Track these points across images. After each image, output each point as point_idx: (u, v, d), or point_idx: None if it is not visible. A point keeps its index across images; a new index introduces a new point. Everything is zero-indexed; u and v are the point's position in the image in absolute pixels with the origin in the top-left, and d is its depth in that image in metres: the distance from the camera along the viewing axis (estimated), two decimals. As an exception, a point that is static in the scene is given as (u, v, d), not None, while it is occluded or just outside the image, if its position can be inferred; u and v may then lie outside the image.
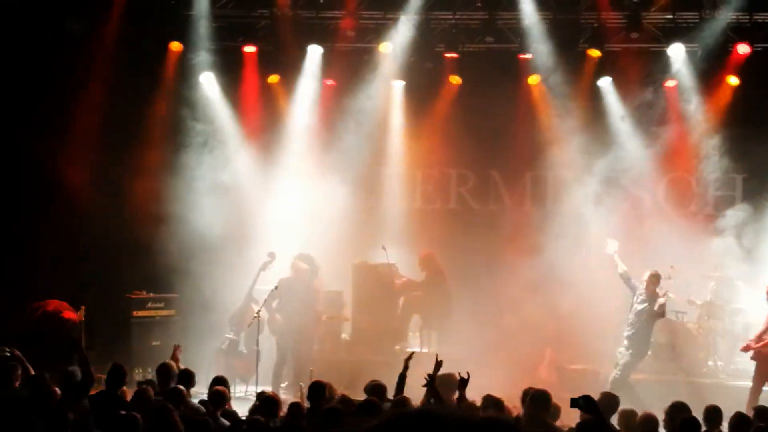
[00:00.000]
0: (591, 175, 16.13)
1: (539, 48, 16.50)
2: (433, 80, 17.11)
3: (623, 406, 10.32)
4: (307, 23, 16.80)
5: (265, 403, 9.79)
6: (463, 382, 9.84)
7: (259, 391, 11.64)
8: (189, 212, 16.08)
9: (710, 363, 15.25)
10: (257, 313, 14.34)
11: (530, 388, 10.01)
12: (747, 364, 14.27)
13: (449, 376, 10.33)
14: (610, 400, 10.16)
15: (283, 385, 14.57)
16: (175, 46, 16.86)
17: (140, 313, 15.74)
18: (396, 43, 16.69)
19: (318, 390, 10.00)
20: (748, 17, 15.90)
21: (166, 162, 16.56)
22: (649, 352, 14.54)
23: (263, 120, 17.26)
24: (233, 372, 14.36)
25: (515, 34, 16.67)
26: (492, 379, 11.75)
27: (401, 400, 9.79)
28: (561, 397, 9.81)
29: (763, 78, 15.90)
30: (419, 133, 17.27)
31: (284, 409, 9.91)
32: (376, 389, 10.23)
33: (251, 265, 15.41)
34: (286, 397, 12.37)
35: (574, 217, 16.06)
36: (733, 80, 16.26)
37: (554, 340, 15.18)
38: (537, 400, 9.57)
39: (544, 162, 17.00)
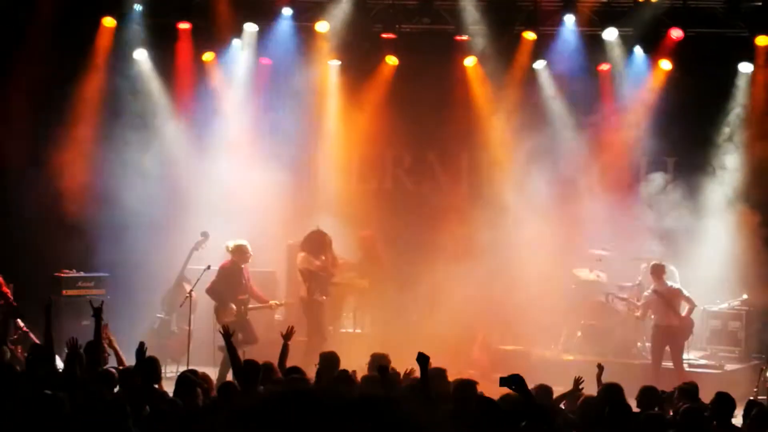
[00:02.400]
0: (525, 156, 16.21)
1: (475, 29, 16.52)
2: (371, 60, 17.07)
3: None
4: (242, 1, 16.64)
5: (183, 383, 9.67)
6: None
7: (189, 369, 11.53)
8: (121, 189, 15.90)
9: (639, 344, 15.48)
10: (189, 292, 14.24)
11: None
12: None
13: (383, 357, 10.35)
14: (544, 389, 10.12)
15: None
16: (108, 21, 16.61)
17: (70, 292, 15.52)
18: (333, 22, 16.61)
19: (252, 369, 9.91)
20: (682, 2, 16.03)
21: (98, 138, 16.35)
22: (579, 333, 14.75)
23: (198, 98, 17.08)
24: (165, 352, 14.24)
25: (452, 16, 16.65)
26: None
27: (293, 369, 10.00)
28: (493, 378, 9.84)
29: (695, 62, 16.06)
30: (355, 113, 17.21)
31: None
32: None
33: (184, 244, 15.28)
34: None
35: (508, 198, 16.13)
36: (666, 64, 16.42)
37: (487, 321, 15.27)
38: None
39: (480, 143, 17.05)
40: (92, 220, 15.63)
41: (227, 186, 16.39)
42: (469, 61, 17.02)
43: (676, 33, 16.04)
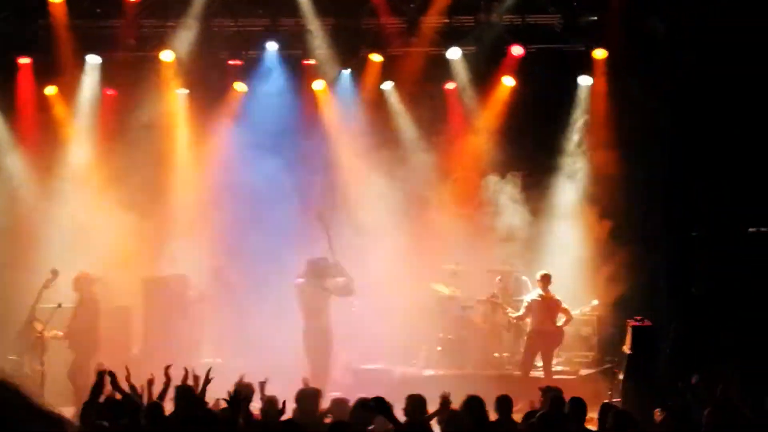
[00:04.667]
0: (377, 176, 16.35)
1: (322, 53, 16.62)
2: (218, 88, 16.99)
3: None
4: (84, 32, 16.36)
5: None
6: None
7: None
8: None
9: (496, 355, 15.76)
10: (40, 332, 13.86)
11: None
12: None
13: (247, 387, 10.26)
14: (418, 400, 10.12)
15: None
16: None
17: None
18: (178, 50, 16.47)
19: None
20: (521, 19, 16.44)
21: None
22: (439, 348, 14.91)
23: (41, 132, 16.70)
24: (18, 395, 13.77)
25: (298, 40, 16.71)
26: (287, 386, 11.67)
27: None
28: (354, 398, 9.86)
29: (537, 78, 16.48)
30: (204, 141, 17.07)
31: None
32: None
33: (32, 282, 14.86)
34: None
35: (348, 218, 16.24)
36: (509, 81, 16.81)
37: (346, 342, 15.28)
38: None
39: (329, 166, 17.11)
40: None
41: (76, 221, 16.03)
42: (318, 85, 17.11)
43: (517, 50, 16.44)
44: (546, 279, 15.02)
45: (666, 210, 16.26)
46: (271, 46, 16.70)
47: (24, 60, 16.49)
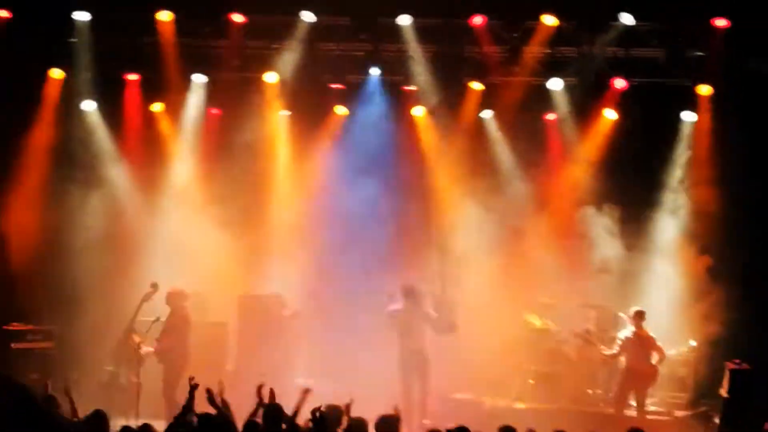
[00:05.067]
0: (472, 204, 16.36)
1: (423, 80, 16.72)
2: (319, 110, 17.19)
3: None
4: (191, 52, 16.69)
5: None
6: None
7: (141, 424, 11.41)
8: (68, 240, 15.80)
9: (589, 391, 15.58)
10: (138, 344, 14.13)
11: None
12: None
13: (335, 408, 10.32)
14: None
15: None
16: (56, 73, 16.59)
17: (19, 345, 15.39)
18: (282, 72, 16.71)
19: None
20: (624, 52, 16.34)
21: (45, 189, 16.27)
22: (531, 381, 14.81)
23: (147, 148, 17.07)
24: (114, 406, 14.04)
25: (400, 66, 16.84)
26: (380, 412, 11.71)
27: None
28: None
29: (639, 111, 16.35)
30: (304, 163, 17.26)
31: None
32: None
33: (133, 295, 15.16)
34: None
35: (457, 246, 16.25)
36: (611, 114, 16.71)
37: (436, 369, 15.28)
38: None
39: (425, 192, 17.17)
40: (40, 270, 15.49)
41: (176, 236, 16.33)
42: (418, 111, 17.21)
43: (619, 83, 16.35)
44: (640, 316, 14.83)
45: (766, 249, 15.96)
46: (374, 71, 16.86)
47: (132, 76, 16.87)
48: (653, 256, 16.34)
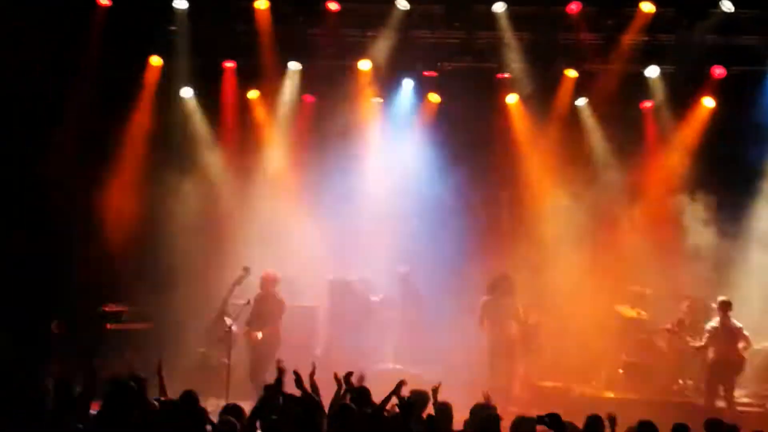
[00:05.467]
0: (565, 192, 16.22)
1: (517, 67, 16.62)
2: (413, 98, 17.23)
3: None
4: (287, 39, 16.86)
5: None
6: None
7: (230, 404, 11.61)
8: (165, 223, 16.13)
9: (680, 382, 15.37)
10: (229, 327, 14.37)
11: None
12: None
13: (421, 393, 10.37)
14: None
15: None
16: (155, 60, 16.92)
17: (115, 326, 15.78)
18: (376, 60, 16.77)
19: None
20: (723, 40, 16.03)
21: (144, 173, 16.61)
22: (620, 370, 14.67)
23: (243, 135, 17.31)
24: (205, 387, 14.30)
25: (493, 53, 16.75)
26: (466, 398, 11.71)
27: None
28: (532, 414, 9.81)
29: (738, 100, 16.03)
30: (396, 150, 17.32)
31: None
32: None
33: (226, 278, 15.41)
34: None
35: (549, 234, 16.15)
36: (709, 102, 16.41)
37: (526, 357, 15.24)
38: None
39: (521, 180, 17.08)
40: (136, 253, 15.85)
41: (270, 221, 16.54)
42: (511, 99, 17.11)
43: (718, 71, 16.06)
44: (725, 306, 14.54)
45: None
46: (465, 60, 16.81)
47: (229, 64, 17.11)
48: (749, 245, 16.00)
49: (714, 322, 14.68)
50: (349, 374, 10.44)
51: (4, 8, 15.76)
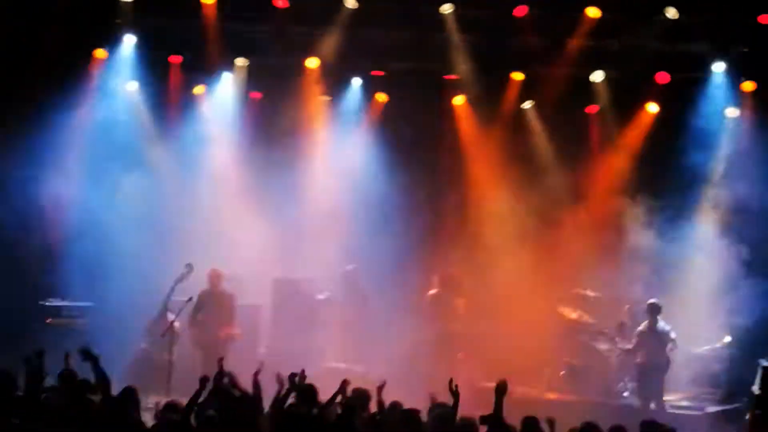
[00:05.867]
0: (508, 194, 16.33)
1: (464, 69, 16.69)
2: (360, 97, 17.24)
3: None
4: (234, 35, 16.76)
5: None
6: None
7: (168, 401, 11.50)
8: (106, 218, 15.96)
9: (620, 384, 15.52)
10: (171, 323, 14.28)
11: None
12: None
13: (363, 392, 10.34)
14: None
15: None
16: (100, 53, 16.75)
17: (54, 321, 15.60)
18: (323, 58, 16.74)
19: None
20: (668, 46, 16.22)
21: (84, 166, 16.42)
22: (562, 372, 14.79)
23: (187, 130, 17.17)
24: (146, 382, 14.17)
25: (441, 55, 16.80)
26: (411, 395, 11.71)
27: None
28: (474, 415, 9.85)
29: (681, 106, 16.24)
30: (341, 148, 17.30)
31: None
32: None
33: (168, 275, 15.30)
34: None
35: (493, 235, 16.24)
36: (653, 107, 16.62)
37: (468, 356, 15.31)
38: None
39: (466, 181, 17.16)
40: (75, 249, 15.67)
41: (214, 218, 16.44)
42: (458, 100, 17.19)
43: (662, 77, 16.25)
44: (654, 309, 14.69)
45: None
46: (413, 60, 16.85)
47: (175, 58, 16.98)
48: (689, 249, 16.19)
49: (642, 326, 14.82)
50: (293, 375, 10.39)
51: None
